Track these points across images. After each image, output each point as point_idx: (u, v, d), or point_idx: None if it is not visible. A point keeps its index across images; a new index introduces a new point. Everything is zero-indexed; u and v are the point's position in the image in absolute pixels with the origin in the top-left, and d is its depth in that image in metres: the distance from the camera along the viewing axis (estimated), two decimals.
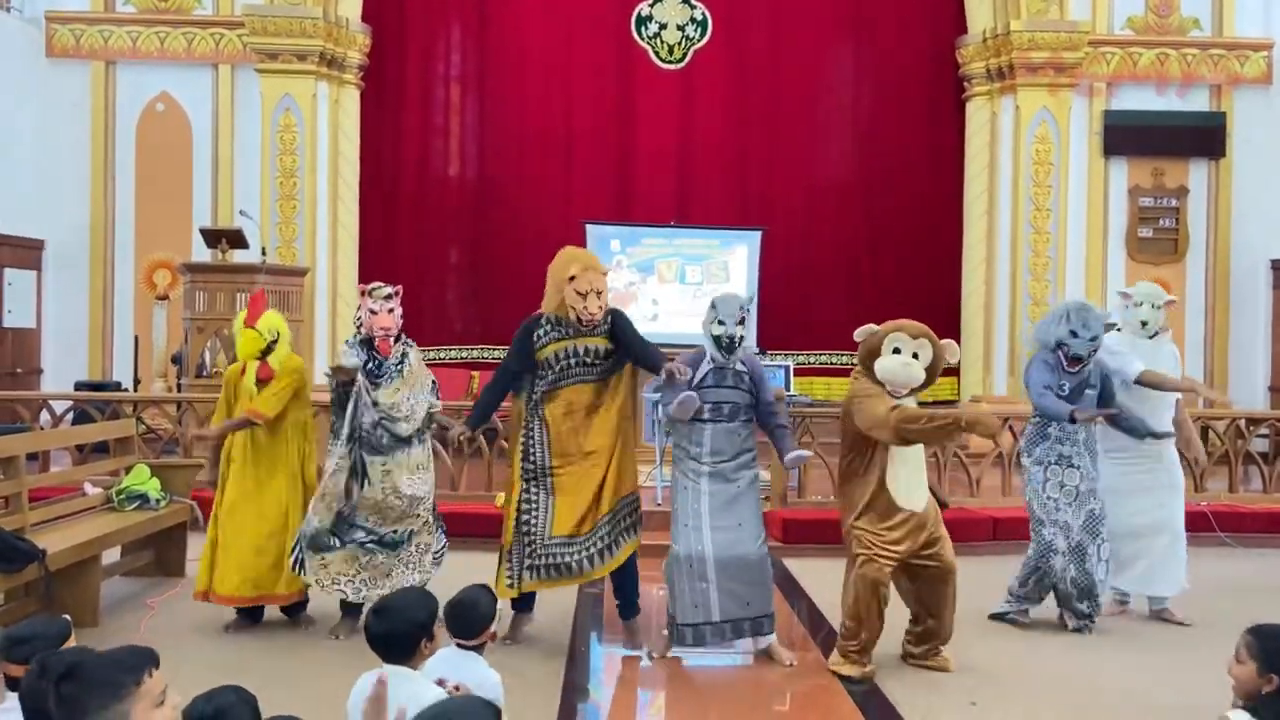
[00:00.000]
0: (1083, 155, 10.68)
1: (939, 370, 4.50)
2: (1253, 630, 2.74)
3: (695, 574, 4.55)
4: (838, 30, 11.22)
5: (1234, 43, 10.69)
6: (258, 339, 4.90)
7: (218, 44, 10.51)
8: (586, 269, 4.63)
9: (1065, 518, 5.01)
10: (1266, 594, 5.82)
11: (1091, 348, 4.92)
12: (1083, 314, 4.92)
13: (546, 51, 11.11)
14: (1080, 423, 4.93)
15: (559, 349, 4.66)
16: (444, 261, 11.31)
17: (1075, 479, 5.01)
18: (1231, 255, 10.79)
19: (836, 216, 11.15)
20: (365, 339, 4.76)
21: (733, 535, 4.57)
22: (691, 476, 4.64)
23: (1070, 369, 4.97)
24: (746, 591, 4.59)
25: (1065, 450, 5.02)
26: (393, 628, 2.73)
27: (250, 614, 5.02)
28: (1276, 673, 2.63)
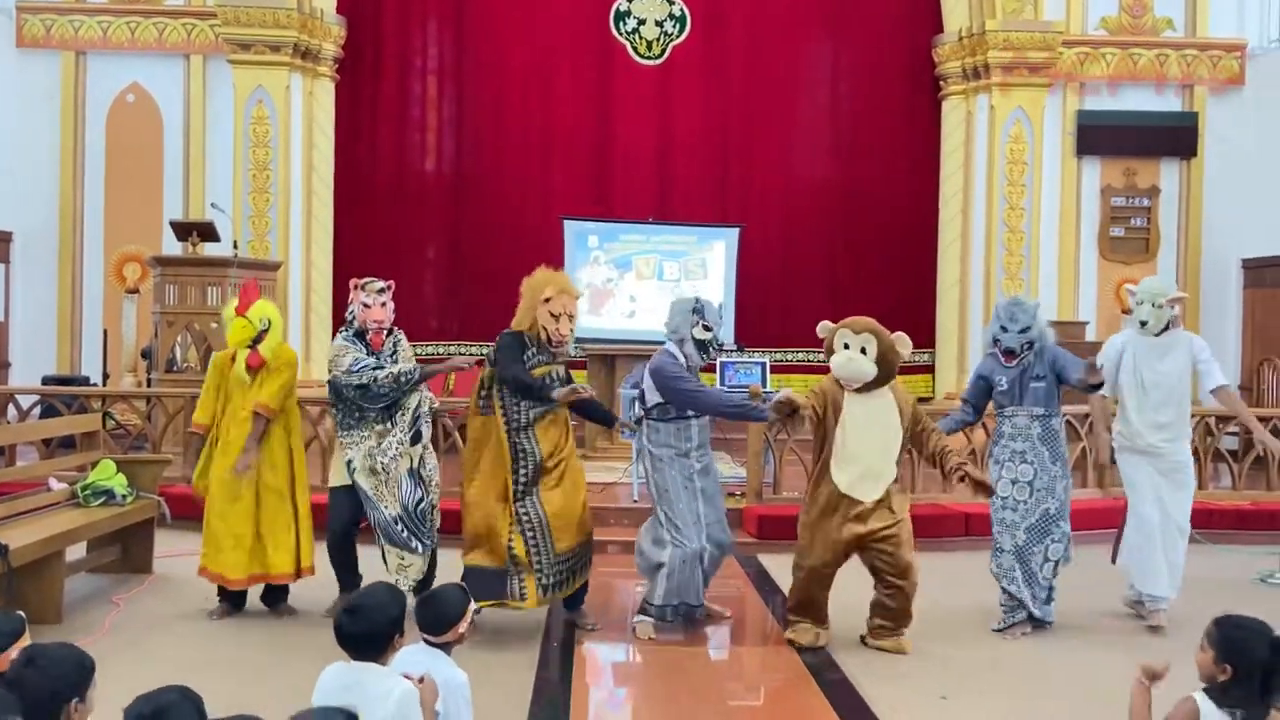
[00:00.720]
0: (1056, 154, 10.76)
1: (894, 362, 4.65)
2: (1216, 620, 2.78)
3: (696, 565, 4.83)
4: (816, 28, 11.23)
5: (1206, 43, 10.79)
6: (248, 327, 4.93)
7: (189, 34, 10.40)
8: (562, 292, 4.76)
9: (1014, 517, 5.05)
10: (1234, 589, 5.88)
11: (1022, 340, 4.98)
12: (1010, 309, 5.04)
13: (524, 46, 11.05)
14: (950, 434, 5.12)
15: (546, 372, 4.79)
16: (420, 257, 11.22)
17: (1029, 473, 5.04)
18: (1202, 255, 10.90)
19: (814, 213, 11.17)
20: (358, 332, 4.89)
21: (718, 528, 4.96)
22: (686, 474, 4.85)
23: (1006, 363, 5.06)
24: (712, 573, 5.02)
25: (1018, 446, 5.07)
26: (370, 627, 2.70)
27: (234, 600, 5.05)
28: (1230, 662, 2.67)
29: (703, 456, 4.92)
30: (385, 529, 4.83)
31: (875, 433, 4.68)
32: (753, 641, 5.18)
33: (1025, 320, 4.99)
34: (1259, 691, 2.61)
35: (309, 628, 4.90)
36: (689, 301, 4.96)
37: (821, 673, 4.43)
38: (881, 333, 4.62)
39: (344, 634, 2.71)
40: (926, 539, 6.70)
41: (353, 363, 4.78)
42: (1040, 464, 5.02)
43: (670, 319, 4.97)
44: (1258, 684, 2.60)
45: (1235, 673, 2.64)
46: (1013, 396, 5.07)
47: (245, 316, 4.94)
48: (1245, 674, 2.62)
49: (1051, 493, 5.03)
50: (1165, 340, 5.19)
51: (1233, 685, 2.64)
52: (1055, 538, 5.03)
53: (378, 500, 4.82)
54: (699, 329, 4.83)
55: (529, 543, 4.66)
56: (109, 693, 2.44)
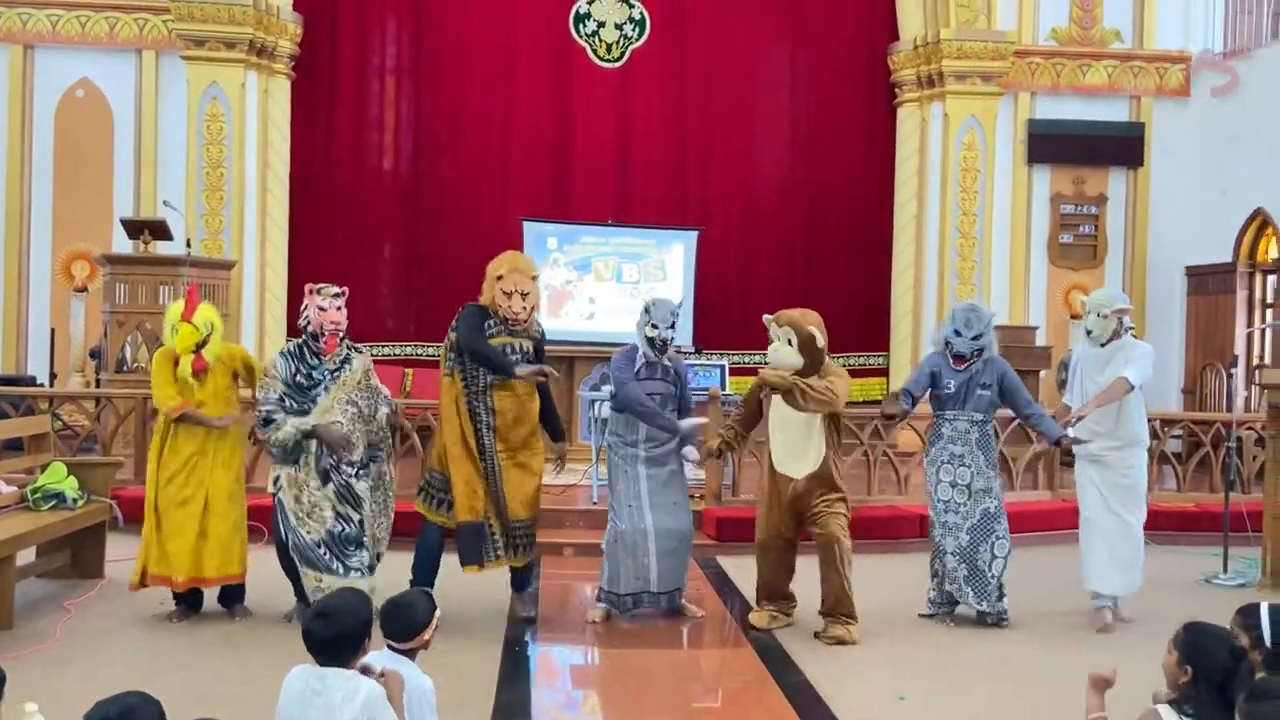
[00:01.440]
0: (1008, 162, 10.96)
1: (817, 352, 4.94)
2: (1185, 624, 2.89)
3: (639, 549, 5.07)
4: (774, 33, 11.32)
5: (1154, 55, 11.05)
6: (195, 333, 4.90)
7: (142, 29, 10.22)
8: (514, 270, 4.93)
9: (955, 519, 5.18)
10: (1182, 590, 6.04)
11: (974, 347, 5.15)
12: (967, 313, 5.21)
13: (484, 46, 11.00)
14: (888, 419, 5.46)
15: (505, 343, 4.92)
16: (377, 256, 11.13)
17: (967, 477, 5.18)
18: (1148, 262, 11.16)
19: (773, 217, 11.26)
20: (312, 335, 4.88)
21: (670, 512, 5.16)
22: (629, 463, 5.17)
23: (955, 367, 5.22)
24: (679, 564, 5.21)
25: (957, 450, 5.21)
26: (341, 630, 2.68)
27: (190, 602, 5.00)
28: (1192, 666, 2.76)
29: (654, 448, 5.15)
30: (301, 550, 4.75)
31: (799, 420, 4.98)
32: (713, 643, 5.22)
33: (979, 328, 5.15)
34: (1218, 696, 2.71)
35: (267, 630, 4.86)
36: (648, 303, 5.28)
37: (782, 674, 4.48)
38: (800, 324, 4.94)
39: (314, 638, 2.69)
40: (883, 540, 6.87)
41: (263, 398, 4.82)
42: (977, 467, 5.18)
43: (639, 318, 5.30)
44: (1216, 687, 2.71)
45: (1195, 674, 2.74)
46: (957, 401, 5.21)
47: (192, 323, 4.89)
48: (1205, 676, 2.73)
49: (989, 493, 5.19)
50: (1109, 350, 5.26)
51: (1191, 687, 2.74)
52: (999, 535, 5.17)
53: (297, 524, 4.74)
54: (647, 328, 5.16)
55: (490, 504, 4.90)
56: (64, 701, 2.41)
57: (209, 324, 4.93)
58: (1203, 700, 2.75)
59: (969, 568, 5.16)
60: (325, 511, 4.75)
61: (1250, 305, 10.46)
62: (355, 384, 4.91)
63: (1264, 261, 10.34)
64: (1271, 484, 6.04)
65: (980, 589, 5.16)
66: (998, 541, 5.16)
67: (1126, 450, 5.29)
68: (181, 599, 4.99)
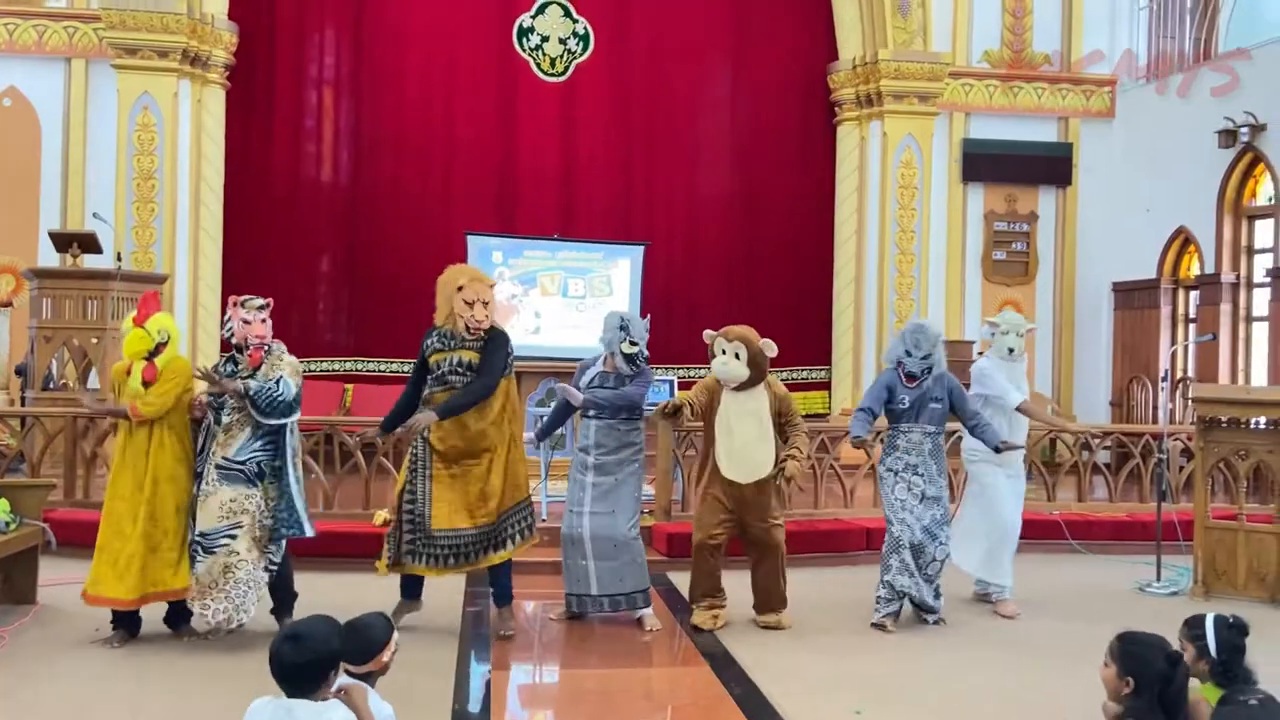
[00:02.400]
0: (944, 180, 11.22)
1: (764, 364, 5.27)
2: (1119, 635, 2.94)
3: (577, 552, 5.35)
4: (717, 50, 11.43)
5: (1080, 78, 11.42)
6: (145, 339, 4.80)
7: (71, 38, 9.95)
8: (474, 280, 5.03)
9: (911, 519, 5.49)
10: (1117, 598, 6.22)
11: (923, 365, 5.46)
12: (915, 335, 5.51)
13: (425, 58, 10.92)
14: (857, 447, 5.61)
15: (440, 359, 5.03)
16: (315, 270, 10.96)
17: (920, 484, 5.51)
18: (1077, 277, 11.51)
19: (716, 232, 11.36)
20: (237, 347, 4.89)
21: (607, 520, 5.33)
22: (580, 470, 5.40)
23: (908, 384, 5.51)
24: (620, 569, 5.33)
25: (911, 460, 5.53)
26: (315, 656, 2.61)
27: (129, 625, 4.84)
28: (1133, 676, 2.83)
29: (602, 456, 5.37)
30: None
31: (749, 424, 5.27)
32: (668, 661, 5.21)
33: (927, 348, 5.47)
34: (1159, 703, 2.78)
35: (216, 653, 4.73)
36: (616, 318, 5.45)
37: (737, 690, 4.50)
38: (751, 340, 5.25)
39: (283, 663, 2.60)
40: (830, 553, 6.94)
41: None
42: (929, 475, 5.52)
43: (603, 333, 5.46)
44: (1157, 696, 2.77)
45: (1137, 685, 2.80)
46: (911, 415, 5.53)
47: (143, 328, 4.80)
48: (1146, 686, 2.79)
49: (939, 501, 5.54)
50: (1017, 365, 5.95)
51: (1134, 698, 2.80)
52: (941, 540, 5.52)
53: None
54: (625, 344, 5.36)
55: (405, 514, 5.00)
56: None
57: (163, 331, 4.83)
58: (1145, 710, 2.83)
59: (916, 563, 5.49)
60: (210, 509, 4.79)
61: (1174, 320, 10.84)
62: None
63: (1186, 278, 10.72)
64: (1201, 494, 6.24)
65: (927, 585, 5.51)
66: (939, 546, 5.51)
67: (1018, 453, 5.90)
68: (120, 622, 4.83)
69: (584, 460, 5.39)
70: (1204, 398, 6.26)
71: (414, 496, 4.99)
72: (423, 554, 4.96)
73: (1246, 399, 6.14)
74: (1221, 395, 6.33)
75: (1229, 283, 10.01)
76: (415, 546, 4.98)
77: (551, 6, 11.17)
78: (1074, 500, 8.02)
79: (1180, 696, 2.88)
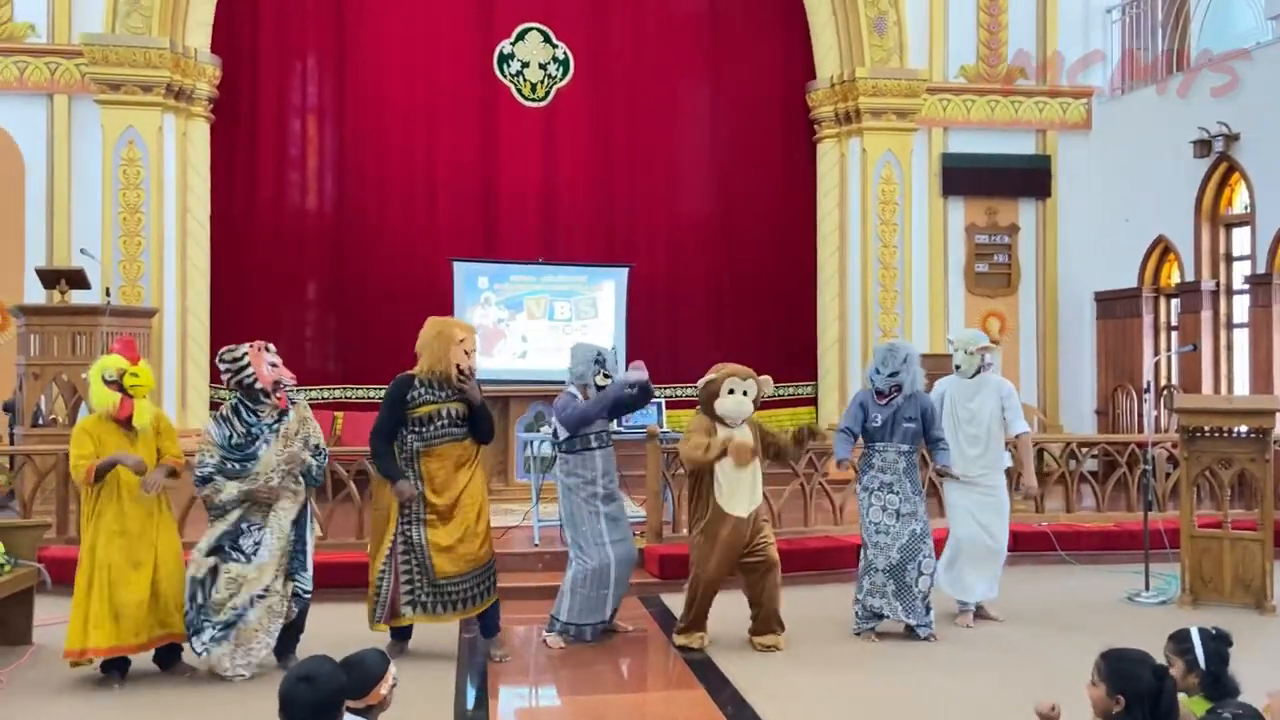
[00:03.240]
0: (924, 195, 11.32)
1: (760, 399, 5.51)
2: (1103, 653, 2.96)
3: (601, 582, 5.46)
4: (696, 71, 11.53)
5: (1057, 90, 11.56)
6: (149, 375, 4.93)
7: (54, 73, 9.97)
8: (470, 331, 5.25)
9: (886, 540, 5.61)
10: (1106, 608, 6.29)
11: (890, 383, 5.66)
12: (884, 354, 5.74)
13: (407, 85, 10.98)
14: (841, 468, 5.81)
15: (432, 410, 5.09)
16: (302, 298, 10.97)
17: (896, 502, 5.64)
18: (1059, 288, 11.61)
19: (700, 252, 11.42)
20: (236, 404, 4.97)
21: (625, 545, 5.58)
22: (591, 503, 5.50)
23: (879, 402, 5.70)
24: (622, 591, 5.62)
25: (886, 478, 5.68)
26: (327, 695, 2.65)
27: (120, 665, 4.86)
28: (1123, 694, 2.84)
29: (609, 484, 5.55)
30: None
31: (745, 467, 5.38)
32: (663, 685, 5.27)
33: (894, 366, 5.67)
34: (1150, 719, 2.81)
35: (214, 690, 4.74)
36: (590, 350, 5.62)
37: (732, 712, 4.54)
38: (756, 377, 5.48)
39: (297, 704, 2.61)
40: (822, 570, 6.99)
41: (201, 460, 4.88)
42: (904, 493, 5.64)
43: (573, 366, 5.60)
44: (1148, 711, 2.80)
45: (1128, 703, 2.81)
46: (885, 433, 5.68)
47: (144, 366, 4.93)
48: (1136, 702, 2.80)
49: (915, 516, 5.63)
50: (976, 382, 6.03)
51: (1126, 715, 2.82)
52: (925, 554, 5.61)
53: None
54: (599, 377, 5.55)
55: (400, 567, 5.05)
56: None
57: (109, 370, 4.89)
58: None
59: (897, 584, 5.58)
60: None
61: (1156, 328, 10.96)
62: (294, 434, 4.99)
63: (1167, 286, 10.84)
64: (1186, 504, 6.32)
65: (908, 604, 5.59)
66: (924, 560, 5.61)
67: (993, 473, 6.00)
68: (113, 662, 4.83)
69: (593, 491, 5.49)
70: (1187, 408, 6.35)
71: (409, 546, 5.06)
72: (425, 603, 5.06)
73: (1228, 409, 6.24)
74: (1204, 405, 6.42)
75: (1209, 290, 10.13)
76: (415, 596, 5.06)
77: (531, 32, 11.26)
78: (1063, 511, 8.10)
79: (1171, 711, 2.90)
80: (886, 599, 5.58)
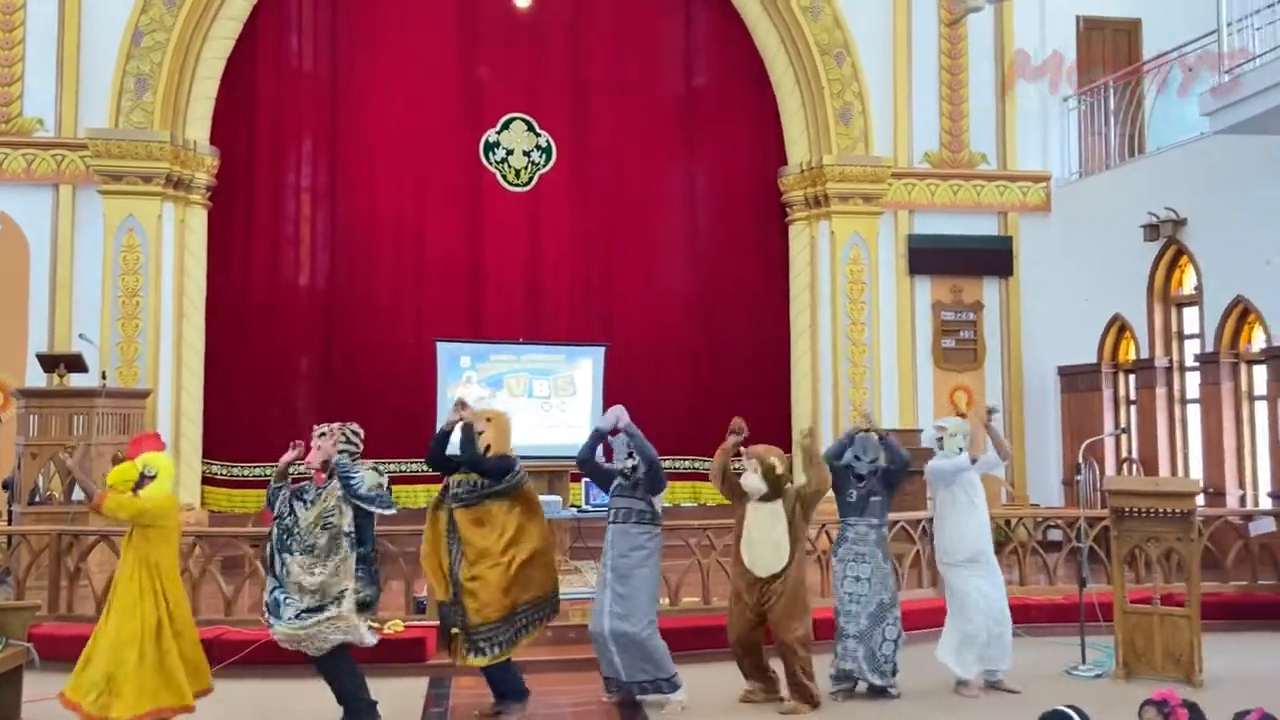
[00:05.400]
0: (891, 274, 11.80)
1: (777, 478, 6.00)
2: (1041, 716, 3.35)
3: (602, 645, 5.92)
4: (674, 157, 12.11)
5: (1017, 175, 12.10)
6: (130, 469, 5.28)
7: (59, 165, 10.52)
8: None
9: (855, 608, 6.12)
10: (1045, 681, 6.58)
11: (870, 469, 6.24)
12: (864, 443, 6.32)
13: (398, 173, 11.53)
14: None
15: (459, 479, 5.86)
16: (294, 375, 11.38)
17: (866, 571, 6.16)
18: (1024, 363, 12.03)
19: (677, 331, 11.89)
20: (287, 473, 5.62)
21: (623, 621, 5.86)
22: (601, 568, 6.05)
23: (858, 484, 6.29)
24: (642, 661, 5.89)
25: (859, 549, 6.22)
26: None
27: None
28: None
29: (619, 559, 5.95)
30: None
31: (768, 532, 5.97)
32: None
33: (874, 454, 6.24)
34: None
35: None
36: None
37: None
38: (762, 457, 6.01)
39: None
40: None
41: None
42: (875, 563, 6.18)
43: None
44: None
45: None
46: (858, 510, 6.21)
47: (131, 460, 5.28)
48: None
49: (885, 586, 6.16)
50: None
51: None
52: (890, 621, 6.13)
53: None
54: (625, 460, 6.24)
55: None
56: None
57: (150, 466, 5.28)
58: None
59: (865, 649, 6.07)
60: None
61: (1116, 402, 11.33)
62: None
63: (1125, 362, 11.24)
64: (1118, 580, 6.65)
65: (874, 666, 6.08)
66: (889, 627, 6.11)
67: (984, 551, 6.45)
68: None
69: (604, 562, 6.04)
70: (1116, 489, 6.71)
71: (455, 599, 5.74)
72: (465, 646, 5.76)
73: (1155, 490, 6.59)
74: (1130, 487, 6.76)
75: (1163, 367, 10.54)
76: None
77: (516, 122, 11.85)
78: (1016, 584, 8.38)
79: None
80: (857, 664, 6.07)
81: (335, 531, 5.40)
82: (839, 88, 11.59)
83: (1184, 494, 6.48)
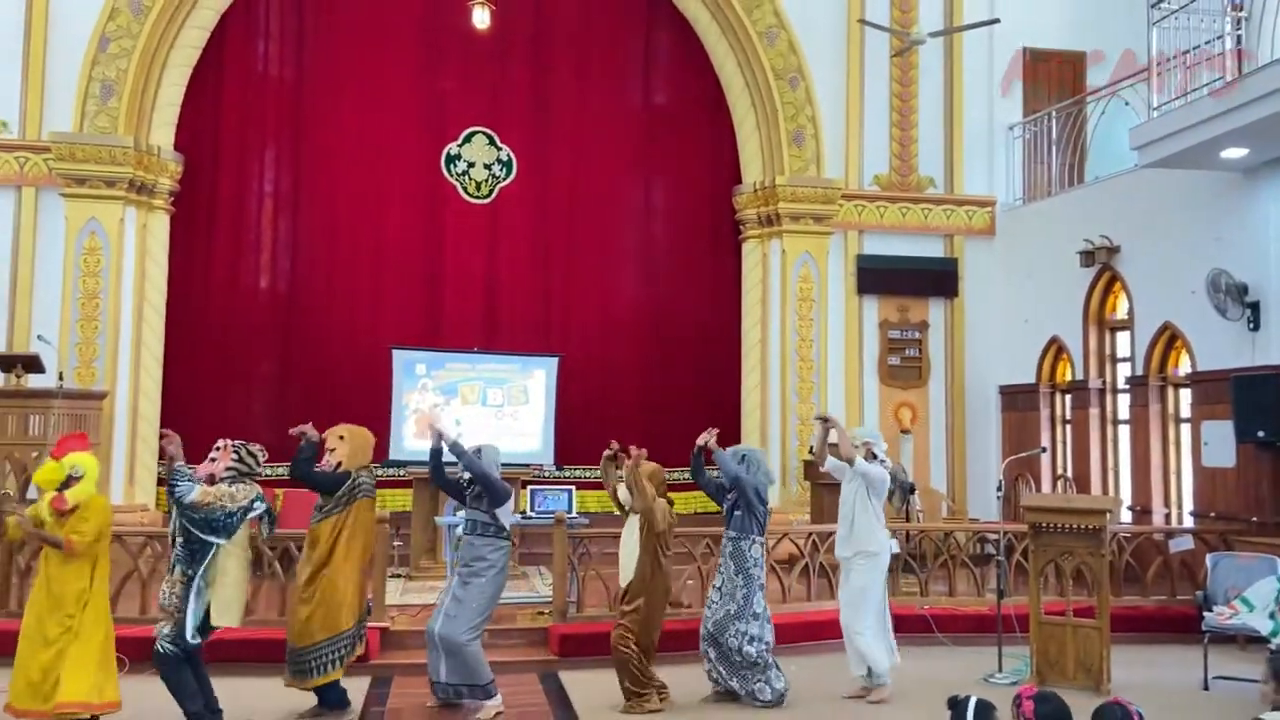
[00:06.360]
0: (840, 292, 12.16)
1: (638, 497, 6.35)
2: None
3: (432, 646, 6.08)
4: (631, 174, 12.43)
5: (963, 199, 12.50)
6: (57, 470, 5.36)
7: (22, 167, 10.64)
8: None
9: (707, 613, 6.47)
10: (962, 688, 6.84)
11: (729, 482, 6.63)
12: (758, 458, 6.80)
13: (360, 182, 11.76)
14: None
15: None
16: (251, 380, 11.55)
17: (719, 580, 6.55)
18: (966, 381, 12.41)
19: (631, 343, 12.20)
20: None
21: (445, 620, 6.02)
22: (448, 575, 6.31)
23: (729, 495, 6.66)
24: (460, 666, 5.99)
25: (720, 560, 6.59)
26: None
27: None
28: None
29: (462, 567, 6.17)
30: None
31: (627, 540, 6.48)
32: None
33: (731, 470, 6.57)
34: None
35: None
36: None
37: None
38: (630, 471, 6.42)
39: None
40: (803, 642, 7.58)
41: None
42: (727, 574, 6.45)
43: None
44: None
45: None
46: (726, 522, 6.60)
47: (57, 460, 5.40)
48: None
49: (733, 597, 6.37)
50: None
51: None
52: (733, 632, 6.30)
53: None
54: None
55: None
56: None
57: (77, 466, 5.36)
58: None
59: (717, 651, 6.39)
60: None
61: (1053, 421, 11.74)
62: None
63: (1061, 383, 11.65)
64: (1034, 592, 6.99)
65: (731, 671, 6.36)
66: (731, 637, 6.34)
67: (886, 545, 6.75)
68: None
69: (453, 569, 6.38)
70: (1033, 505, 7.05)
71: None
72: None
73: (1067, 507, 6.94)
74: (1046, 504, 7.11)
75: (1096, 389, 10.95)
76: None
77: (477, 136, 12.11)
78: (946, 595, 8.73)
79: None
80: (712, 664, 6.39)
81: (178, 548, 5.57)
82: (793, 111, 11.95)
83: (1095, 511, 6.83)
